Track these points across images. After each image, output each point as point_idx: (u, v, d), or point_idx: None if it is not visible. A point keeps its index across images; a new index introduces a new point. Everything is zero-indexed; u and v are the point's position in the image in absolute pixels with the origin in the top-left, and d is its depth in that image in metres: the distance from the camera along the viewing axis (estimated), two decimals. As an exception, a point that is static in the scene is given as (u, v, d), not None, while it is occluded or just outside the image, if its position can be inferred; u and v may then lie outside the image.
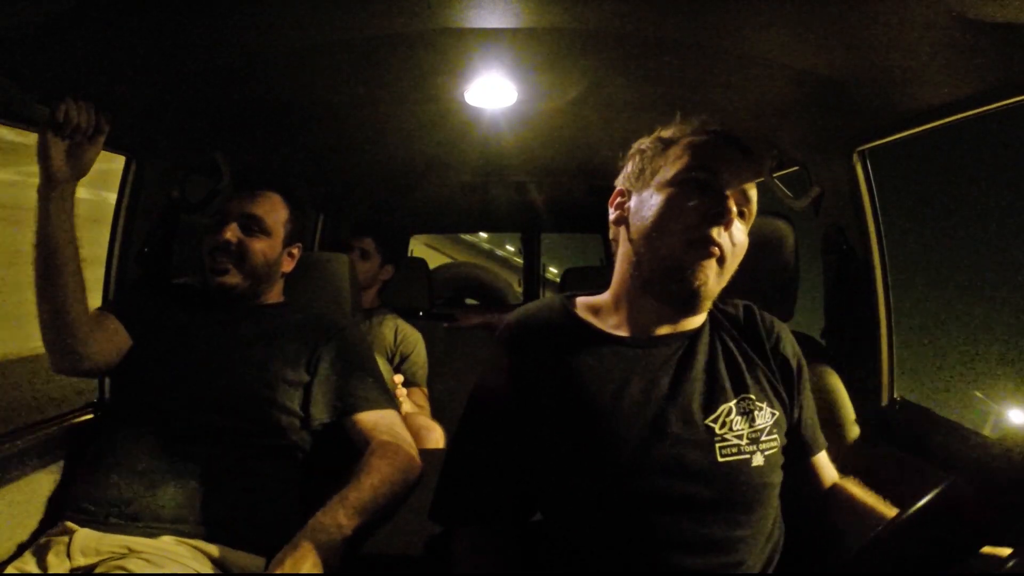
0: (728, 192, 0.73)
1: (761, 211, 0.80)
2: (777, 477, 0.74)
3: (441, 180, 2.20)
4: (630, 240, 0.79)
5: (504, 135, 1.63)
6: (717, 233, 0.71)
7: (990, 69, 0.91)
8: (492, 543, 0.76)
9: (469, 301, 3.72)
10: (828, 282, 1.39)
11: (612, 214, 0.84)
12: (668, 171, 0.76)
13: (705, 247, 0.71)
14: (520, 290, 3.61)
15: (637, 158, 0.82)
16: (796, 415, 0.81)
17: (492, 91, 1.32)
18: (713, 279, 0.72)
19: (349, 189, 2.35)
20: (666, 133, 0.80)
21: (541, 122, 1.55)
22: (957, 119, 1.04)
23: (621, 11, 0.99)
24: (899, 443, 1.17)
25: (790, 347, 0.82)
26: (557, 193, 2.38)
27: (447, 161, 1.97)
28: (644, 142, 0.82)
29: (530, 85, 1.32)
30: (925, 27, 0.87)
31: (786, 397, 0.79)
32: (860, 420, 1.17)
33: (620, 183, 0.84)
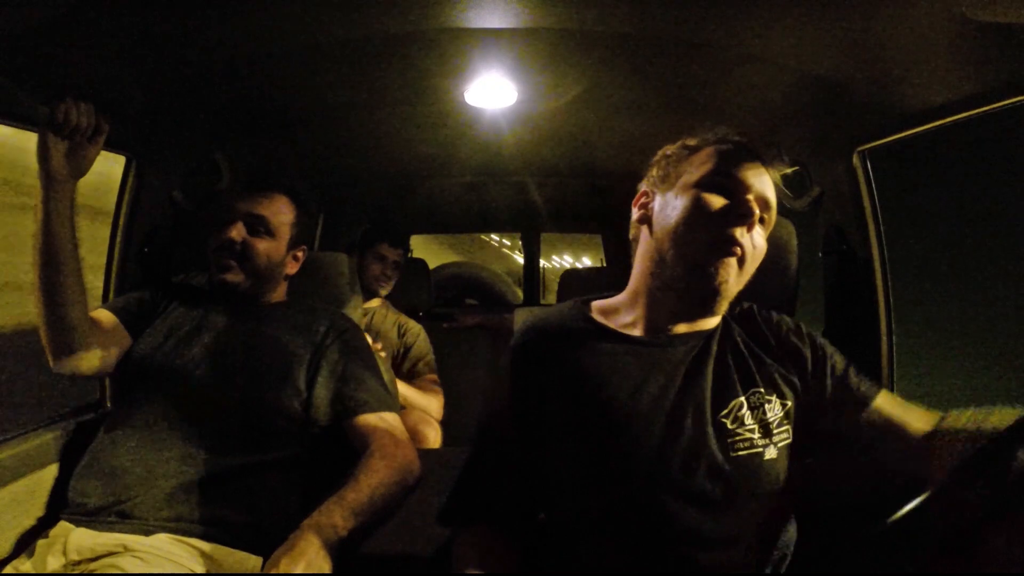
0: (750, 196, 0.75)
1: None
2: (789, 469, 0.75)
3: (441, 180, 2.20)
4: (653, 238, 0.81)
5: (504, 135, 1.63)
6: (740, 234, 0.73)
7: (990, 69, 0.91)
8: (497, 543, 0.77)
9: (469, 301, 3.72)
10: (828, 282, 1.39)
11: (635, 213, 0.86)
12: (694, 175, 0.78)
13: (728, 246, 0.73)
14: (520, 290, 3.61)
15: (663, 162, 0.84)
16: (823, 385, 0.78)
17: (492, 91, 1.32)
18: (734, 279, 0.74)
19: (349, 189, 2.35)
20: (692, 141, 0.83)
21: (541, 122, 1.55)
22: (957, 119, 1.04)
23: (621, 11, 0.99)
24: None
25: (794, 334, 0.82)
26: (557, 193, 2.38)
27: (447, 161, 1.97)
28: (670, 148, 0.85)
29: (530, 85, 1.32)
30: (925, 27, 0.87)
31: (798, 382, 0.78)
32: None
33: (644, 185, 0.87)
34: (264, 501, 0.98)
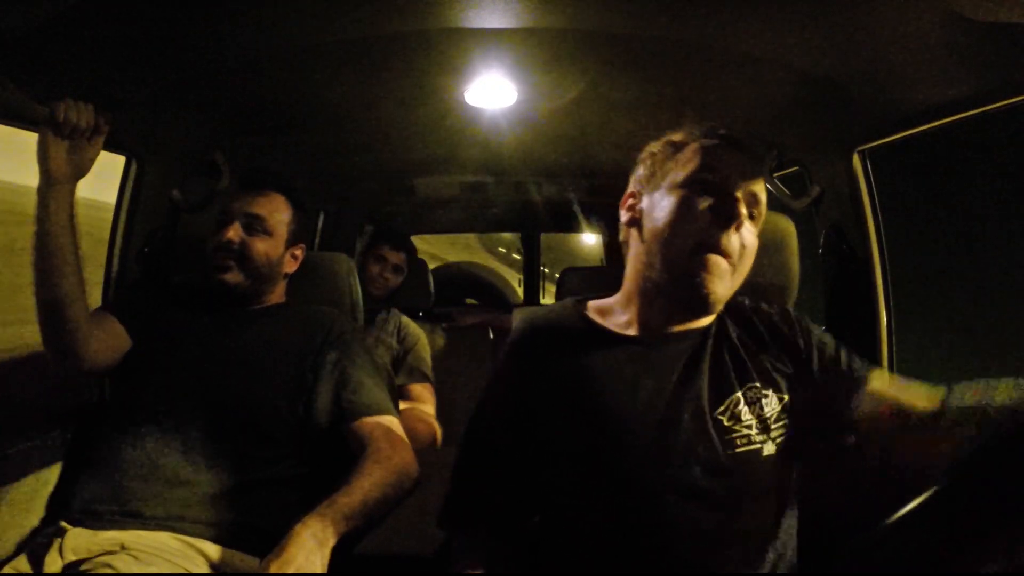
0: (738, 194, 0.73)
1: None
2: (787, 465, 0.74)
3: (441, 180, 2.20)
4: (642, 241, 0.79)
5: (504, 135, 1.63)
6: (726, 238, 0.71)
7: (990, 69, 0.91)
8: (494, 544, 0.77)
9: (469, 301, 3.72)
10: (828, 282, 1.39)
11: (624, 216, 0.84)
12: (679, 174, 0.76)
13: (715, 253, 0.72)
14: (521, 289, 3.62)
15: (648, 161, 0.82)
16: (812, 369, 0.77)
17: (492, 91, 1.32)
18: (722, 284, 0.73)
19: (349, 189, 2.35)
20: (676, 137, 0.81)
21: (541, 122, 1.55)
22: (957, 119, 1.04)
23: (621, 11, 0.99)
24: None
25: (784, 322, 0.81)
26: (557, 193, 2.38)
27: (447, 161, 1.97)
28: (654, 146, 0.83)
29: (530, 85, 1.32)
30: (925, 27, 0.87)
31: (792, 372, 0.77)
32: None
33: (632, 186, 0.85)
34: (263, 502, 0.98)
